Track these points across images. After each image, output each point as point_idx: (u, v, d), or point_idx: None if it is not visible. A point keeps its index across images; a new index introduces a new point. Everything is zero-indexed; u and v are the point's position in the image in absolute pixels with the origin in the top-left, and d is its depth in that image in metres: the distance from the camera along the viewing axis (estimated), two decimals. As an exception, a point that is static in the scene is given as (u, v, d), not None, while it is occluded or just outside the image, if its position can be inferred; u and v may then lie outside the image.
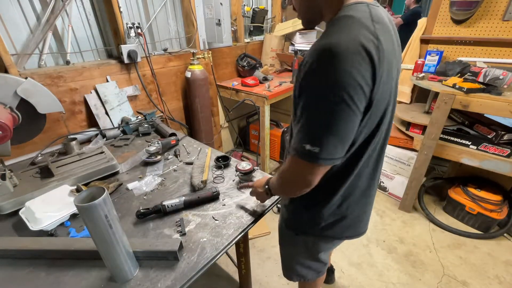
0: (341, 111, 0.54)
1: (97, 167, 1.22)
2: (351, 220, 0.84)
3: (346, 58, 0.51)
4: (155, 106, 1.96)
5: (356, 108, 0.55)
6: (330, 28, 0.58)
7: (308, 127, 0.57)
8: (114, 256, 0.70)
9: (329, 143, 0.56)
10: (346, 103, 0.53)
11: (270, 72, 2.61)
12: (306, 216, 0.84)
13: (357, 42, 0.52)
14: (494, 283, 1.60)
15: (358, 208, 0.83)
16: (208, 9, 2.05)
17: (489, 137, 1.76)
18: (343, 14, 0.58)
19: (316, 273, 1.07)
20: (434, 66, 2.07)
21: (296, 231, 0.91)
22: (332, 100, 0.53)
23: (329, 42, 0.52)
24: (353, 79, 0.52)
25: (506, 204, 1.91)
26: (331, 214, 0.80)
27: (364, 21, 0.55)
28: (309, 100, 0.56)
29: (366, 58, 0.52)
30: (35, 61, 1.47)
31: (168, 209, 0.99)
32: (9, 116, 1.15)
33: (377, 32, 0.55)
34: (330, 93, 0.53)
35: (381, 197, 2.37)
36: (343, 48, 0.51)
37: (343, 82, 0.51)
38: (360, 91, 0.54)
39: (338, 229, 0.84)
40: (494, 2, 1.88)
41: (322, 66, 0.53)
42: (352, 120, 0.56)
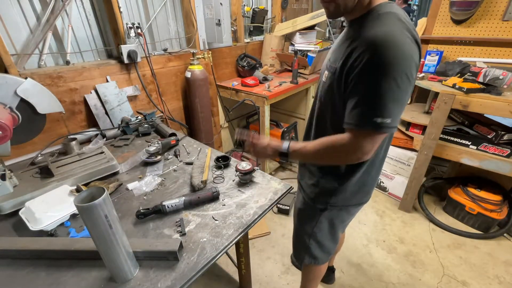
0: (404, 86, 0.65)
1: (97, 167, 1.21)
2: (369, 185, 0.96)
3: (404, 45, 0.63)
4: (155, 106, 1.96)
5: (412, 83, 0.68)
6: (376, 21, 0.68)
7: (378, 102, 0.66)
8: (114, 256, 0.70)
9: (397, 113, 0.68)
10: (408, 79, 0.65)
11: (270, 72, 2.62)
12: (335, 189, 0.92)
13: (408, 34, 0.66)
14: (494, 283, 1.60)
15: (376, 173, 0.95)
16: (208, 9, 2.05)
17: (489, 137, 1.76)
18: (384, 10, 0.69)
19: (326, 255, 1.15)
20: (434, 66, 2.07)
21: (325, 205, 0.97)
22: (397, 78, 0.63)
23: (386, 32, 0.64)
24: (412, 60, 0.65)
25: (506, 204, 1.91)
26: (357, 181, 0.90)
27: (405, 17, 0.70)
28: (375, 80, 0.65)
29: (416, 46, 0.68)
30: (35, 61, 1.47)
31: (168, 209, 0.99)
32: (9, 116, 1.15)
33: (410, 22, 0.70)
34: (397, 72, 0.63)
35: (381, 197, 2.37)
36: (400, 38, 0.64)
37: (406, 63, 0.63)
38: (415, 70, 0.67)
39: (360, 195, 0.96)
40: (494, 2, 1.88)
41: (385, 52, 0.62)
42: (409, 92, 0.69)
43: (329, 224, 1.04)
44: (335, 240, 1.12)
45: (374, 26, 0.66)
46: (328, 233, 1.08)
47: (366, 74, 0.66)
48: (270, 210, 1.06)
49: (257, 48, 2.80)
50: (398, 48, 0.62)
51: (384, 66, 0.63)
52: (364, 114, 0.69)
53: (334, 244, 1.14)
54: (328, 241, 1.11)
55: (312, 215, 1.04)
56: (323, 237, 1.08)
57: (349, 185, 0.91)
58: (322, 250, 1.13)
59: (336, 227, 1.06)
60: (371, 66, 0.65)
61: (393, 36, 0.63)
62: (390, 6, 0.70)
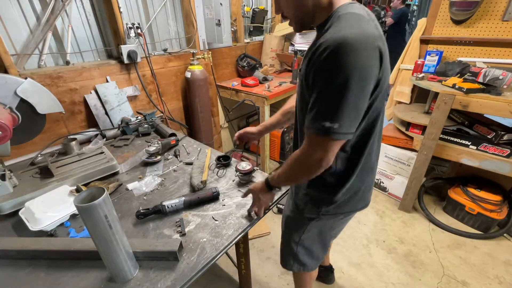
0: (357, 92, 0.62)
1: (97, 168, 1.22)
2: (362, 192, 0.92)
3: (363, 49, 0.60)
4: (155, 106, 1.96)
5: (368, 90, 0.65)
6: (336, 23, 0.64)
7: (327, 107, 0.64)
8: (113, 257, 0.70)
9: (347, 119, 0.64)
10: (361, 85, 0.62)
11: (270, 72, 2.62)
12: (326, 197, 0.89)
13: (369, 36, 0.61)
14: (494, 283, 1.60)
15: (368, 180, 0.91)
16: (208, 10, 2.05)
17: (489, 137, 1.76)
18: (345, 11, 0.65)
19: (315, 261, 1.12)
20: (434, 66, 2.07)
21: (314, 216, 0.94)
22: (349, 82, 0.60)
23: (344, 35, 0.60)
24: (368, 66, 0.62)
25: (506, 204, 1.91)
26: (348, 189, 0.87)
27: (367, 17, 0.65)
28: (328, 84, 0.62)
29: (377, 50, 0.63)
30: (35, 62, 1.47)
31: (168, 209, 0.99)
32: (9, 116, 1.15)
33: (377, 26, 0.67)
34: (348, 77, 0.60)
35: (381, 197, 2.37)
36: (359, 40, 0.59)
37: (360, 69, 0.60)
38: (373, 76, 0.64)
39: (353, 202, 0.92)
40: (493, 3, 1.88)
41: (341, 55, 0.59)
42: (364, 100, 0.66)
43: (318, 232, 1.01)
44: (325, 247, 1.09)
45: (333, 28, 0.64)
46: (317, 241, 1.04)
47: (319, 77, 0.64)
48: (270, 210, 1.06)
49: (257, 48, 2.80)
50: (352, 51, 0.59)
51: (336, 68, 0.60)
52: (314, 117, 0.66)
53: (324, 250, 1.10)
54: (317, 248, 1.07)
55: (301, 224, 1.00)
56: (311, 245, 1.05)
57: (340, 194, 0.87)
58: (311, 257, 1.09)
59: (326, 234, 1.04)
60: (324, 70, 0.62)
61: (349, 38, 0.59)
62: (350, 7, 0.67)
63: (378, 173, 2.36)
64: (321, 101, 0.65)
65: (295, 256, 1.09)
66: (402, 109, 2.23)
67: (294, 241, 1.05)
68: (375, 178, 0.97)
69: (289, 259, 1.12)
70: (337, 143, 0.68)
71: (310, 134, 0.69)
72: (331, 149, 0.68)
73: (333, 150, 0.69)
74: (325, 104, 0.64)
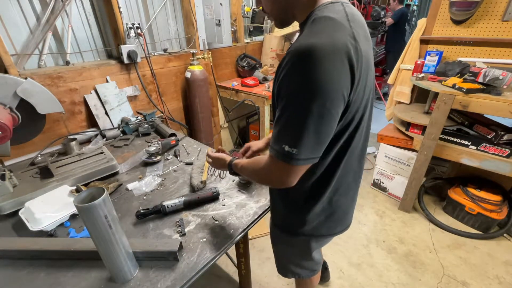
0: (319, 115, 0.54)
1: (97, 168, 1.22)
2: (339, 214, 0.85)
3: (328, 62, 0.52)
4: (155, 106, 1.96)
5: (335, 112, 0.56)
6: (309, 28, 0.58)
7: (287, 129, 0.58)
8: (113, 257, 0.70)
9: (307, 145, 0.57)
10: (325, 107, 0.54)
11: (270, 73, 2.62)
12: (297, 218, 0.83)
13: (338, 46, 0.53)
14: (494, 283, 1.60)
15: (346, 201, 0.84)
16: (208, 10, 2.06)
17: (489, 137, 1.76)
18: (320, 15, 0.58)
19: (310, 271, 1.07)
20: (434, 66, 2.07)
21: (287, 233, 0.90)
22: (311, 103, 0.53)
23: (310, 45, 0.52)
24: (334, 83, 0.53)
25: (506, 205, 1.91)
26: (322, 211, 0.81)
27: (343, 22, 0.56)
28: (288, 102, 0.56)
29: (346, 63, 0.54)
30: (35, 62, 1.47)
31: (168, 209, 0.99)
32: (9, 117, 1.15)
33: (354, 32, 0.57)
34: (310, 97, 0.53)
35: (381, 197, 2.37)
36: (325, 52, 0.51)
37: (323, 86, 0.52)
38: (340, 96, 0.55)
39: (329, 224, 0.85)
40: (493, 3, 1.88)
41: (303, 69, 0.52)
42: (329, 123, 0.57)
43: (300, 250, 0.96)
44: (314, 260, 1.02)
45: (303, 35, 0.56)
46: (302, 256, 0.99)
47: (281, 94, 0.57)
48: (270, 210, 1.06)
49: (257, 48, 2.80)
50: (316, 65, 0.51)
51: (296, 85, 0.53)
52: (274, 137, 0.60)
53: (315, 262, 1.03)
54: (306, 262, 1.01)
55: (281, 240, 0.97)
56: (299, 260, 1.00)
57: (312, 215, 0.80)
58: (303, 269, 1.04)
59: (309, 253, 0.96)
60: (285, 85, 0.56)
61: (313, 49, 0.51)
62: (327, 9, 0.58)
63: (378, 173, 2.36)
64: (282, 121, 0.58)
65: (287, 269, 1.06)
66: (402, 109, 2.23)
67: (283, 256, 1.03)
68: (355, 197, 0.89)
69: (282, 269, 1.09)
70: (299, 168, 0.61)
71: (271, 154, 0.63)
72: (293, 173, 0.62)
73: (295, 174, 0.63)
74: (284, 125, 0.58)
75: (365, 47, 0.59)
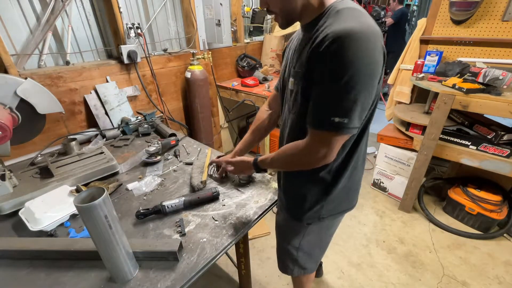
0: (367, 87, 0.61)
1: (97, 168, 1.21)
2: (354, 189, 0.92)
3: (370, 40, 0.58)
4: (155, 106, 1.96)
5: (377, 82, 0.64)
6: (336, 17, 0.62)
7: (337, 102, 0.62)
8: (113, 257, 0.70)
9: (355, 114, 0.62)
10: (372, 80, 0.61)
11: (270, 73, 2.62)
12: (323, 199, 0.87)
13: (375, 29, 0.61)
14: (494, 283, 1.60)
15: (360, 175, 0.91)
16: (208, 10, 2.06)
17: (489, 137, 1.76)
18: (343, 6, 0.64)
19: (315, 264, 1.12)
20: (434, 66, 2.07)
21: (312, 219, 0.92)
22: (360, 75, 0.59)
23: (352, 28, 0.58)
24: (378, 57, 0.60)
25: (506, 205, 1.91)
26: (343, 187, 0.86)
27: (363, 11, 0.64)
28: (337, 77, 0.60)
29: (381, 41, 0.61)
30: (35, 62, 1.47)
31: (168, 209, 0.99)
32: (9, 117, 1.15)
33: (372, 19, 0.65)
34: (359, 69, 0.58)
35: (381, 197, 2.37)
36: (367, 33, 0.58)
37: (368, 63, 0.59)
38: (381, 67, 0.63)
39: (347, 201, 0.92)
40: (493, 3, 1.88)
41: (350, 48, 0.57)
42: (372, 95, 0.64)
43: (317, 235, 1.01)
44: (324, 248, 1.10)
45: (335, 22, 0.61)
46: (317, 244, 1.05)
47: (326, 71, 0.61)
48: (270, 210, 1.06)
49: (257, 48, 2.80)
50: (358, 44, 0.57)
51: (344, 63, 0.58)
52: (320, 113, 0.65)
53: (323, 251, 1.11)
54: (317, 251, 1.08)
55: (298, 230, 0.99)
56: (311, 249, 1.05)
57: (336, 192, 0.86)
58: (311, 260, 1.10)
59: (324, 236, 1.05)
60: (330, 63, 0.60)
61: (353, 30, 0.57)
62: (346, 2, 0.65)
63: (378, 173, 2.36)
64: (329, 96, 0.62)
65: (295, 261, 1.07)
66: (402, 109, 2.23)
67: (294, 247, 1.04)
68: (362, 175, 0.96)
69: (289, 264, 1.11)
70: (343, 138, 0.67)
71: (315, 130, 0.67)
72: (337, 144, 0.68)
73: (338, 146, 0.69)
74: (333, 99, 0.62)
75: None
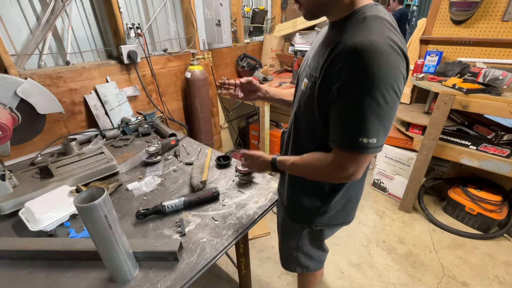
0: (391, 101, 0.59)
1: (97, 168, 1.21)
2: (353, 202, 0.90)
3: (390, 55, 0.56)
4: (155, 106, 1.96)
5: (400, 97, 0.62)
6: (361, 25, 0.60)
7: (363, 121, 0.59)
8: (113, 257, 0.70)
9: (383, 132, 0.62)
10: (395, 93, 0.59)
11: (270, 73, 2.62)
12: (319, 207, 0.86)
13: (397, 43, 0.58)
14: (494, 283, 1.60)
15: (359, 190, 0.90)
16: (208, 10, 2.06)
17: (489, 137, 1.76)
18: (372, 13, 0.61)
19: (318, 263, 1.11)
20: (434, 66, 2.07)
21: (304, 224, 0.93)
22: (385, 91, 0.57)
23: (371, 41, 0.56)
24: (399, 72, 0.58)
25: (506, 205, 1.91)
26: (341, 199, 0.85)
27: (392, 23, 0.62)
28: (360, 94, 0.58)
29: (401, 55, 0.59)
30: (35, 62, 1.47)
31: (168, 209, 0.99)
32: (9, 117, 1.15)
33: (398, 30, 0.63)
34: (383, 85, 0.56)
35: (381, 197, 2.37)
36: (388, 48, 0.56)
37: (393, 75, 0.57)
38: (403, 83, 0.61)
39: (345, 212, 0.90)
40: (493, 3, 1.88)
41: (371, 63, 0.55)
42: (397, 107, 0.62)
43: (313, 240, 1.01)
44: (323, 250, 1.09)
45: (358, 31, 0.59)
46: (314, 246, 1.04)
47: (349, 87, 0.59)
48: (270, 210, 1.06)
49: (257, 48, 2.80)
50: (383, 58, 0.55)
51: (368, 79, 0.56)
52: (348, 134, 0.62)
53: (324, 252, 1.10)
54: (316, 252, 1.07)
55: (294, 231, 1.00)
56: (309, 250, 1.04)
57: (333, 203, 0.85)
58: (313, 260, 1.09)
59: (321, 242, 1.04)
60: (354, 79, 0.57)
61: (379, 45, 0.55)
62: (376, 9, 0.62)
63: (378, 173, 2.36)
64: (356, 115, 0.60)
65: (296, 261, 1.08)
66: (402, 109, 2.23)
67: (292, 247, 1.05)
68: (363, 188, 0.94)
69: (291, 263, 1.12)
70: (372, 156, 0.67)
71: (343, 150, 0.65)
72: (366, 162, 0.67)
73: (367, 163, 0.68)
74: (360, 119, 0.59)
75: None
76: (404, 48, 0.60)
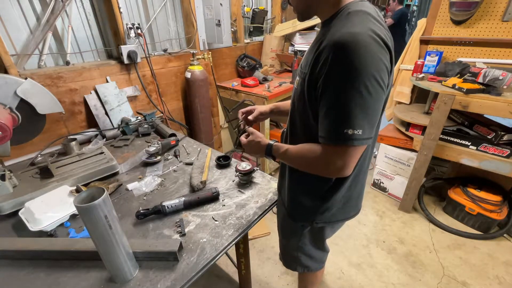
0: (374, 92, 0.59)
1: (97, 168, 1.21)
2: (355, 199, 0.90)
3: (371, 45, 0.57)
4: (155, 106, 1.96)
5: (385, 88, 0.62)
6: (345, 20, 0.62)
7: (348, 113, 0.60)
8: (113, 257, 0.70)
9: (368, 124, 0.61)
10: (378, 84, 0.59)
11: (270, 73, 2.62)
12: (319, 206, 0.86)
13: (379, 35, 0.59)
14: (494, 283, 1.60)
15: (360, 186, 0.89)
16: (208, 10, 2.06)
17: (489, 137, 1.76)
18: (356, 9, 0.63)
19: (319, 263, 1.11)
20: (434, 66, 2.07)
21: (304, 222, 0.93)
22: (368, 82, 0.57)
23: (355, 33, 0.57)
24: (382, 63, 0.59)
25: (506, 205, 1.91)
26: (342, 197, 0.85)
27: (376, 16, 0.64)
28: (345, 87, 0.58)
29: (385, 47, 0.60)
30: (35, 62, 1.47)
31: (168, 209, 0.99)
32: (9, 117, 1.15)
33: (384, 24, 0.65)
34: (365, 77, 0.57)
35: (381, 197, 2.37)
36: (369, 39, 0.57)
37: (375, 66, 0.57)
38: (387, 73, 0.61)
39: (345, 209, 0.89)
40: (493, 3, 1.88)
41: (352, 54, 0.56)
42: (382, 99, 0.63)
43: (313, 239, 1.00)
44: (324, 250, 1.09)
45: (341, 26, 0.61)
46: (314, 247, 1.04)
47: (332, 80, 0.60)
48: (270, 210, 1.06)
49: (257, 48, 2.80)
50: (364, 50, 0.56)
51: (350, 70, 0.57)
52: (332, 126, 0.62)
53: (324, 252, 1.11)
54: (316, 252, 1.07)
55: (295, 231, 0.99)
56: (310, 250, 1.04)
57: (333, 202, 0.84)
58: (314, 260, 1.09)
59: (322, 241, 1.04)
60: (336, 71, 0.59)
61: (359, 36, 0.56)
62: (361, 4, 0.64)
63: (378, 173, 2.36)
64: (339, 107, 0.60)
65: (296, 260, 1.08)
66: (402, 110, 2.23)
67: (293, 247, 1.05)
68: (365, 184, 0.93)
69: (292, 262, 1.12)
70: (360, 149, 0.65)
71: (329, 144, 0.65)
72: (353, 157, 0.65)
73: (355, 158, 0.66)
74: (344, 110, 0.60)
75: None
76: (387, 40, 0.60)
